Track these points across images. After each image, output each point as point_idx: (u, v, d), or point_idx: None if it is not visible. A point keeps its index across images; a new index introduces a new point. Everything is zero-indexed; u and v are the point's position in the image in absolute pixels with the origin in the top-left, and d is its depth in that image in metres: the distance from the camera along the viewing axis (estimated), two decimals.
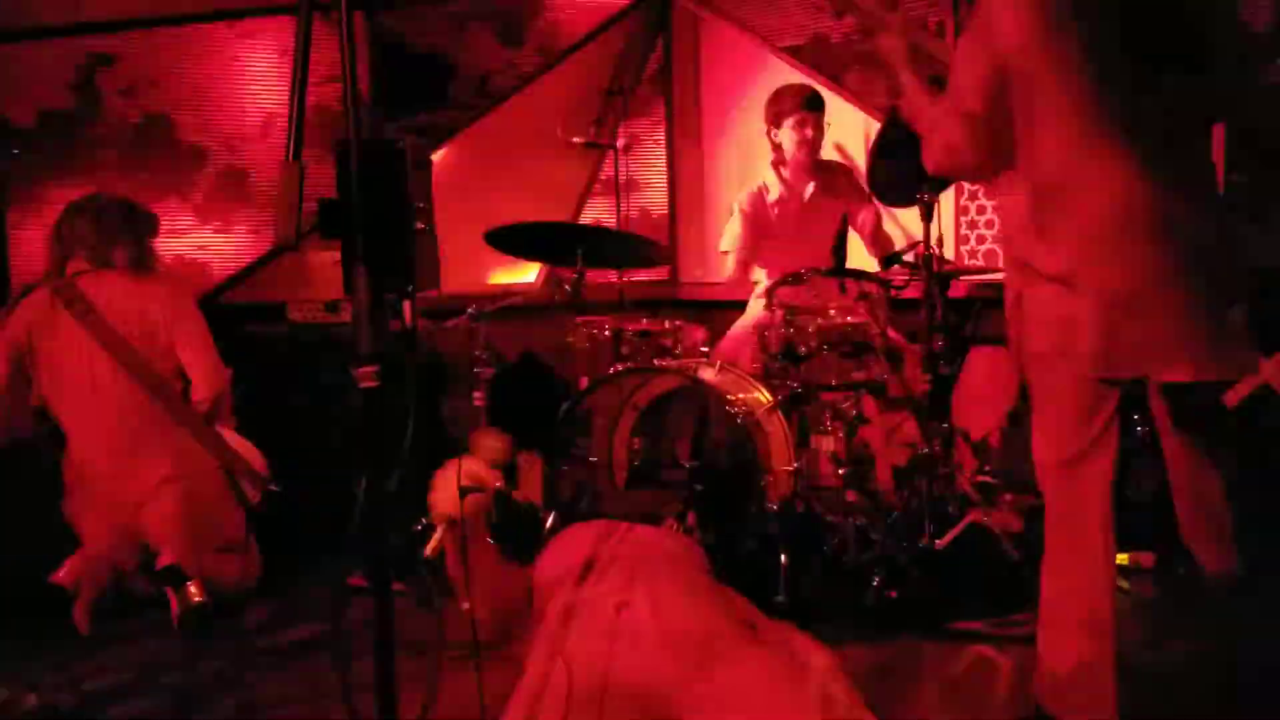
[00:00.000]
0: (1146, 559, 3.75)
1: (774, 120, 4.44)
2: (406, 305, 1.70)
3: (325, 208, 1.65)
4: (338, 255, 1.68)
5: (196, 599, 3.38)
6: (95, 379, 3.52)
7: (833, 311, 3.76)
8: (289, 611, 3.63)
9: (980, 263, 4.80)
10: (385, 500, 1.79)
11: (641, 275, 4.77)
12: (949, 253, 4.69)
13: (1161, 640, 3.16)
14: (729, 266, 4.62)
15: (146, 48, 5.01)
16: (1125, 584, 3.64)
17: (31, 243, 5.06)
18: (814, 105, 4.41)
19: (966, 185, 4.86)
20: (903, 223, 4.50)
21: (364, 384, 1.66)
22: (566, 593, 2.41)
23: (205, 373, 3.63)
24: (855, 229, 4.53)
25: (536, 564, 2.69)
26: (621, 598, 2.31)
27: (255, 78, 5.10)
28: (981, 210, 4.86)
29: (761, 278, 4.54)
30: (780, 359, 3.78)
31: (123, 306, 3.56)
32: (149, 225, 3.74)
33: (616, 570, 2.43)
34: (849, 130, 4.77)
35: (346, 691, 1.91)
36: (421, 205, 1.70)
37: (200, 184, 5.08)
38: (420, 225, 1.69)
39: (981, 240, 4.86)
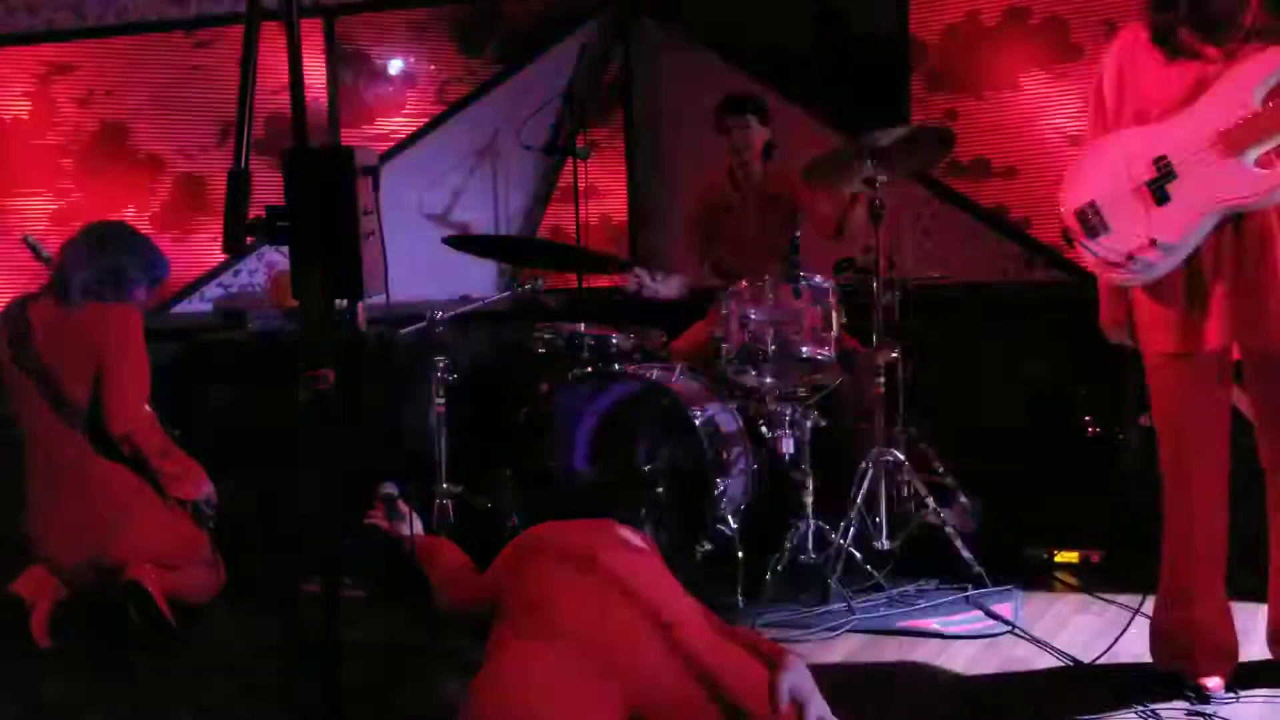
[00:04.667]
0: (1096, 556, 3.82)
1: (717, 130, 4.53)
2: (359, 309, 1.73)
3: (272, 214, 1.67)
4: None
5: (157, 612, 3.38)
6: (40, 409, 3.53)
7: (788, 316, 3.80)
8: (249, 618, 3.63)
9: (936, 269, 4.86)
10: (335, 501, 1.80)
11: (602, 281, 4.80)
12: (906, 257, 4.76)
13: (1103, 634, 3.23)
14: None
15: (103, 56, 5.01)
16: (1075, 581, 3.72)
17: None
18: (732, 110, 4.45)
19: (922, 191, 4.94)
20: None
21: (317, 387, 1.68)
22: (532, 557, 2.42)
23: (113, 410, 3.58)
24: (818, 228, 4.51)
25: (495, 562, 2.69)
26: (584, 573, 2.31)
27: (212, 86, 5.10)
28: (935, 216, 4.93)
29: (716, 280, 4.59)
30: (737, 362, 3.82)
31: (57, 338, 3.54)
32: (115, 253, 3.69)
33: (577, 543, 2.44)
34: (804, 140, 4.82)
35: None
36: (369, 211, 1.73)
37: (157, 192, 5.08)
38: (368, 230, 1.72)
39: (938, 245, 4.93)
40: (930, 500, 3.83)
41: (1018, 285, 4.74)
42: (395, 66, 5.27)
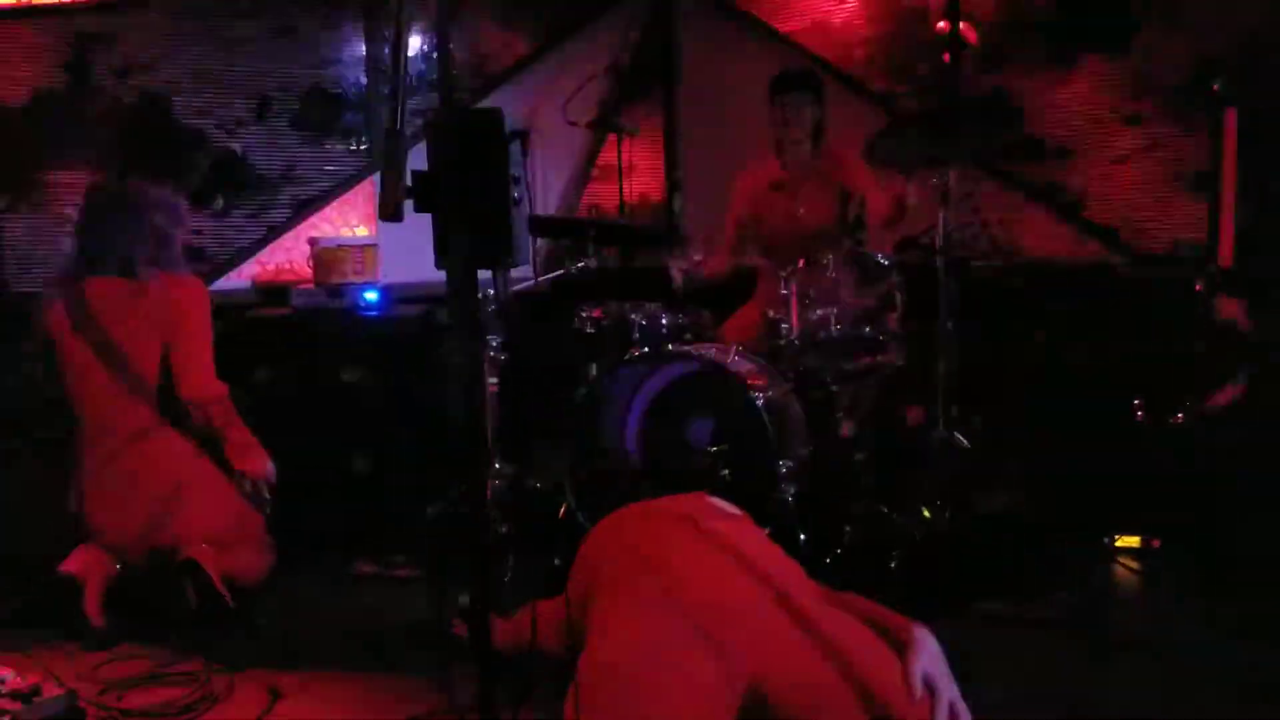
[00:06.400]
0: (1156, 541, 3.79)
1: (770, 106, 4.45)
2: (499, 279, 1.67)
3: (420, 180, 1.61)
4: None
5: (213, 592, 3.34)
6: (103, 384, 3.49)
7: (849, 296, 3.75)
8: (298, 601, 3.59)
9: (985, 247, 4.83)
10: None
11: (648, 259, 4.74)
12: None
13: (1172, 618, 3.19)
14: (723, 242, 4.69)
15: (141, 27, 4.94)
16: (1136, 565, 3.69)
17: (22, 224, 5.00)
18: (784, 86, 4.33)
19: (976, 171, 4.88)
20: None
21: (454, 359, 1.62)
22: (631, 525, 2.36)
23: (195, 378, 3.55)
24: (870, 213, 4.46)
25: (576, 560, 2.56)
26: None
27: (252, 59, 5.03)
28: (986, 195, 4.88)
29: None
30: (797, 344, 3.77)
31: (125, 312, 3.50)
32: (170, 220, 3.64)
33: (679, 510, 2.37)
34: (850, 115, 4.76)
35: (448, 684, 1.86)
36: (516, 176, 1.66)
37: (196, 166, 5.01)
38: (517, 198, 1.66)
39: (985, 226, 4.89)
40: (991, 483, 3.80)
41: (1079, 266, 4.70)
42: None
